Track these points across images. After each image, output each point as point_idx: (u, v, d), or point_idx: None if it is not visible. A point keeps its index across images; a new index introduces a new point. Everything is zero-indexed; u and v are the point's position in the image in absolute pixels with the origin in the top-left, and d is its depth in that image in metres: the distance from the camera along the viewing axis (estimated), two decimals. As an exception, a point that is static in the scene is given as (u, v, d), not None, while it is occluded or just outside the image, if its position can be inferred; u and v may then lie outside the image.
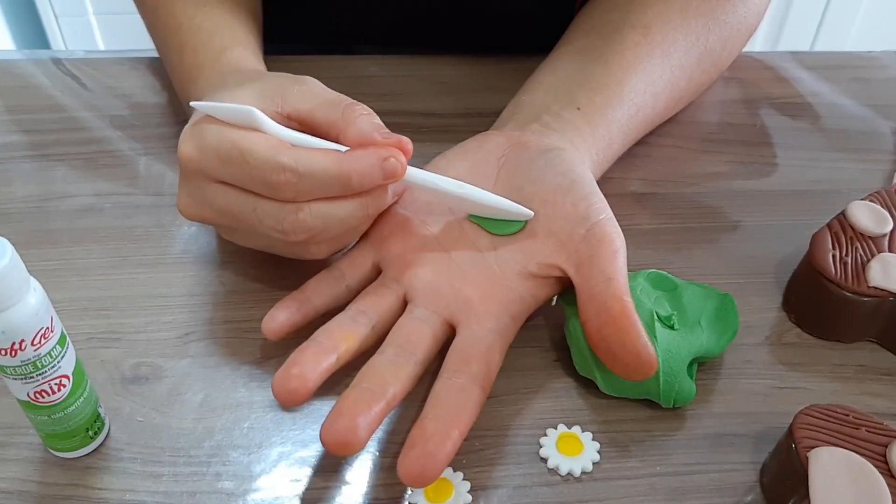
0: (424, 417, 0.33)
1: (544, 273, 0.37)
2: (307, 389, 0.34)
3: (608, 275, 0.35)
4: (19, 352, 0.29)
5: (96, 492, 0.33)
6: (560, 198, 0.38)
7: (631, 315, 0.34)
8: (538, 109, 0.44)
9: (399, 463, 0.31)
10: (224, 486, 0.34)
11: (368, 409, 0.32)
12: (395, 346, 0.35)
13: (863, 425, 0.33)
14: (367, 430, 0.32)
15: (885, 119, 0.56)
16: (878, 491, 0.30)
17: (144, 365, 0.38)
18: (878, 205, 0.42)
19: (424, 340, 0.36)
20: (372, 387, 0.33)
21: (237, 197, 0.36)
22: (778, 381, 0.39)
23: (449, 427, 0.32)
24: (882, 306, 0.39)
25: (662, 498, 0.34)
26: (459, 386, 0.34)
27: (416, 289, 0.38)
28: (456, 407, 0.33)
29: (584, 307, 0.35)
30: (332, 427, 0.32)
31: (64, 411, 0.32)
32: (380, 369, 0.34)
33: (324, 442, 0.32)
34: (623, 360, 0.34)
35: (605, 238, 0.36)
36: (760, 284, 0.43)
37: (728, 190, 0.50)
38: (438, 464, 0.31)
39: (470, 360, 0.35)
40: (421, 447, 0.31)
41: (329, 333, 0.35)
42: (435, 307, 0.37)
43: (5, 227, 0.45)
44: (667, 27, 0.47)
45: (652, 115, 0.48)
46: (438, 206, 0.40)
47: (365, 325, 0.36)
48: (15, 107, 0.54)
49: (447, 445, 0.31)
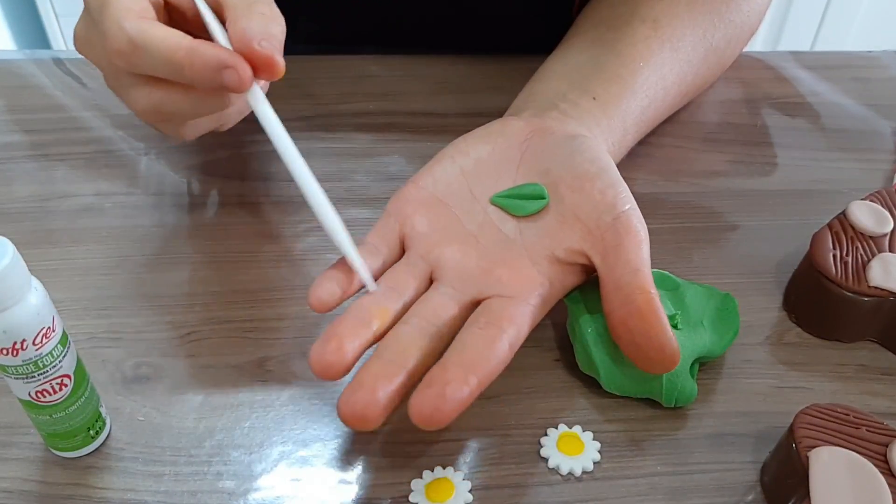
0: (445, 360, 0.32)
1: (571, 259, 0.37)
2: (346, 363, 0.32)
3: (635, 266, 0.35)
4: (21, 351, 0.29)
5: (97, 491, 0.33)
6: (588, 184, 0.37)
7: (657, 308, 0.34)
8: (554, 97, 0.44)
9: (412, 400, 0.30)
10: (225, 486, 0.34)
11: (389, 382, 0.31)
12: (420, 316, 0.34)
13: (863, 425, 0.33)
14: (388, 404, 0.31)
15: (885, 119, 0.56)
16: (878, 490, 0.30)
17: (145, 364, 0.38)
18: (878, 204, 0.42)
19: (450, 314, 0.35)
20: (394, 358, 0.32)
21: (104, 65, 0.39)
22: (778, 381, 0.39)
23: (469, 373, 0.31)
24: (882, 306, 0.39)
25: (663, 497, 0.34)
26: (487, 336, 0.33)
27: (443, 268, 0.37)
28: (479, 355, 0.32)
29: (608, 297, 0.35)
30: (350, 399, 0.31)
31: (65, 411, 0.32)
32: (403, 341, 0.33)
33: (341, 414, 0.30)
34: (647, 352, 0.34)
35: (632, 228, 0.36)
36: (761, 284, 0.43)
37: (728, 189, 0.50)
38: (452, 408, 0.30)
39: (501, 318, 0.34)
40: (438, 388, 0.30)
41: (363, 308, 0.34)
42: (463, 287, 0.36)
43: (6, 226, 0.45)
44: (675, 22, 0.48)
45: (662, 109, 0.48)
46: (459, 187, 0.39)
47: (396, 300, 0.35)
48: (15, 106, 0.54)
49: (464, 391, 0.30)
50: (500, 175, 0.40)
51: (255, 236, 0.45)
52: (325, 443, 0.36)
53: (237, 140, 0.51)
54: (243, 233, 0.45)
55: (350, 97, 0.55)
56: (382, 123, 0.53)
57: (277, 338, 0.39)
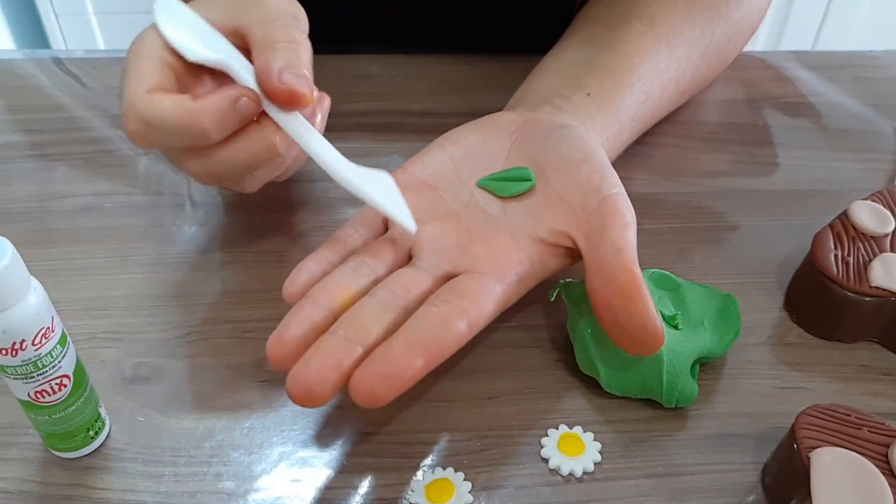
0: (395, 337, 0.31)
1: (554, 240, 0.37)
2: (300, 352, 0.32)
3: (618, 245, 0.35)
4: (20, 352, 0.29)
5: (97, 492, 0.33)
6: (574, 168, 0.37)
7: (640, 286, 0.34)
8: (548, 93, 0.44)
9: (351, 378, 0.30)
10: (225, 486, 0.34)
11: (339, 360, 0.31)
12: (388, 289, 0.34)
13: (864, 425, 0.33)
14: (337, 381, 0.30)
15: (886, 118, 0.56)
16: (879, 491, 0.30)
17: (145, 365, 0.38)
18: (879, 204, 0.42)
19: (421, 287, 0.34)
20: (349, 334, 0.31)
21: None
22: (780, 382, 0.38)
23: (415, 352, 0.31)
24: (884, 306, 0.39)
25: (664, 498, 0.34)
26: (442, 314, 0.32)
27: (422, 243, 0.37)
28: (430, 334, 0.31)
29: (591, 277, 0.35)
30: (297, 376, 0.30)
31: (64, 411, 0.32)
32: (364, 315, 0.32)
33: (288, 392, 0.30)
34: (630, 331, 0.33)
35: (617, 211, 0.36)
36: (762, 284, 0.43)
37: (730, 189, 0.50)
38: (392, 387, 0.30)
39: (463, 295, 0.33)
40: (379, 365, 0.30)
41: (325, 288, 0.34)
42: (439, 262, 0.36)
43: (6, 226, 0.45)
44: (672, 19, 0.48)
45: (659, 105, 0.48)
46: (447, 172, 0.40)
47: (366, 276, 0.35)
48: (15, 106, 0.54)
49: (407, 372, 0.30)
50: (488, 162, 0.40)
51: (255, 236, 0.45)
52: (324, 443, 0.35)
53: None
54: (243, 233, 0.45)
55: (350, 97, 0.55)
56: (383, 123, 0.53)
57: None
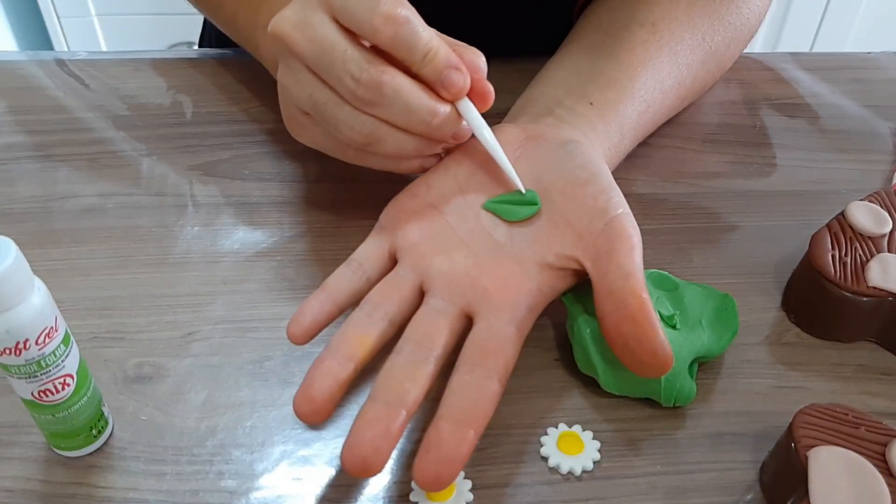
0: (440, 418, 0.32)
1: (562, 264, 0.37)
2: (328, 408, 0.33)
3: (627, 270, 0.35)
4: (23, 351, 0.30)
5: (100, 490, 0.34)
6: (580, 190, 0.38)
7: (650, 313, 0.34)
8: (550, 103, 0.44)
9: (415, 467, 0.31)
10: (227, 485, 0.34)
11: (387, 428, 0.31)
12: (413, 342, 0.35)
13: (862, 424, 0.33)
14: (389, 448, 0.31)
15: (884, 120, 0.56)
16: (877, 490, 0.30)
17: (147, 364, 0.38)
18: (877, 205, 0.43)
19: (442, 334, 0.35)
20: (390, 399, 0.32)
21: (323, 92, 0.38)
22: (777, 381, 0.39)
23: (464, 428, 0.31)
24: (881, 306, 0.39)
25: (663, 497, 0.34)
26: (475, 383, 0.33)
27: (432, 279, 0.37)
28: (471, 405, 0.32)
29: (601, 302, 0.35)
30: (353, 450, 0.31)
31: (67, 410, 0.33)
32: (397, 376, 0.33)
33: (345, 465, 0.31)
34: (640, 356, 0.34)
35: (624, 233, 0.36)
36: (760, 284, 0.43)
37: (728, 190, 0.50)
38: (454, 467, 0.31)
39: (487, 355, 0.34)
40: (436, 451, 0.31)
41: (344, 339, 0.35)
42: (452, 298, 0.36)
43: (9, 227, 0.45)
44: (674, 25, 0.48)
45: (660, 113, 0.48)
46: (452, 194, 0.40)
47: (381, 319, 0.35)
48: (18, 108, 0.54)
49: (463, 448, 0.31)
50: (493, 182, 0.40)
51: (257, 236, 0.45)
52: (326, 442, 0.36)
53: (238, 141, 0.52)
54: (244, 233, 0.45)
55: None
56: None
57: (279, 337, 0.40)
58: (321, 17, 0.36)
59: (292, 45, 0.37)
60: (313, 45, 0.36)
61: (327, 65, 0.36)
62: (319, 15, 0.36)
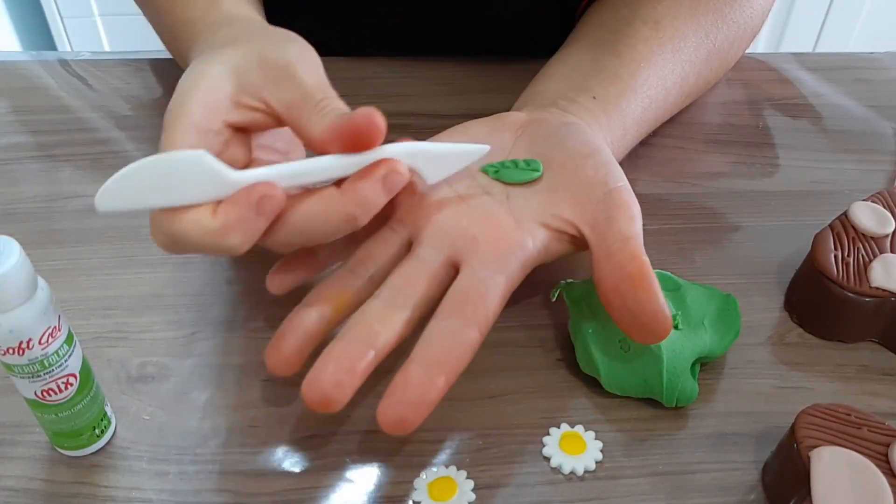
0: (410, 361, 0.31)
1: (558, 226, 0.36)
2: (296, 361, 0.33)
3: (626, 234, 0.35)
4: (27, 350, 0.30)
5: (103, 490, 0.34)
6: (580, 162, 0.38)
7: (649, 273, 0.34)
8: (554, 96, 0.44)
9: (378, 409, 0.30)
10: (229, 485, 0.34)
11: (352, 365, 0.31)
12: (391, 287, 0.34)
13: (864, 425, 0.33)
14: (352, 385, 0.31)
15: (887, 120, 0.56)
16: (879, 490, 0.30)
17: (150, 364, 0.39)
18: (880, 205, 0.42)
19: (422, 281, 0.34)
20: (359, 337, 0.32)
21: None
22: (780, 381, 0.39)
23: (434, 372, 0.31)
24: (884, 306, 0.39)
25: (664, 497, 0.34)
26: (452, 328, 0.32)
27: (421, 228, 0.36)
28: (444, 350, 0.32)
29: (599, 265, 0.35)
30: (313, 383, 0.31)
31: (71, 410, 0.33)
32: (370, 316, 0.33)
33: (305, 398, 0.31)
34: (639, 318, 0.33)
35: (623, 203, 0.36)
36: (762, 284, 0.43)
37: (730, 190, 0.50)
38: (420, 412, 0.30)
39: (467, 303, 0.33)
40: (401, 393, 0.30)
41: (320, 293, 0.34)
42: (439, 245, 0.35)
43: (12, 227, 0.45)
44: (677, 23, 0.48)
45: (663, 109, 0.48)
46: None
47: (362, 275, 0.35)
48: (21, 108, 0.54)
49: (431, 393, 0.30)
50: (495, 153, 0.39)
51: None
52: (329, 441, 0.36)
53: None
54: (247, 233, 0.45)
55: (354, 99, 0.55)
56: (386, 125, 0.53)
57: (281, 338, 0.40)
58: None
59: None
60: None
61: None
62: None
